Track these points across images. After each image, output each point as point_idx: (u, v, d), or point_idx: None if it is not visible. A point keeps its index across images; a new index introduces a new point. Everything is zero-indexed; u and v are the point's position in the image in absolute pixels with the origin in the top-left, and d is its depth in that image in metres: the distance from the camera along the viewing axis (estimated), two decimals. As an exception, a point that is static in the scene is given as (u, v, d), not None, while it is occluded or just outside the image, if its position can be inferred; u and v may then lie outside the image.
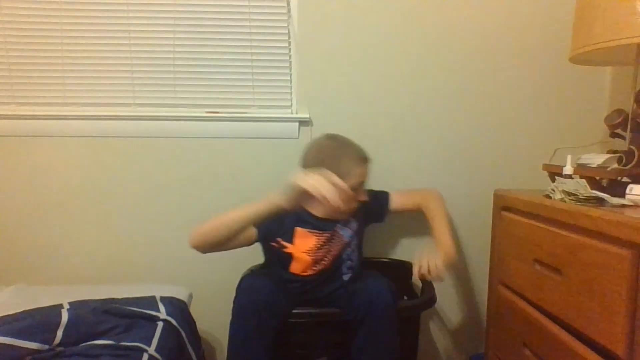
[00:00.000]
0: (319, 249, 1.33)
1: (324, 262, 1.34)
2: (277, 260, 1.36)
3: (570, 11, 1.28)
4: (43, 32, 1.55)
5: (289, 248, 1.33)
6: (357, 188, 1.31)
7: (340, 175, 1.18)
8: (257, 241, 1.32)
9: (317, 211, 1.35)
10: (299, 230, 1.34)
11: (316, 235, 1.34)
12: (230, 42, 1.58)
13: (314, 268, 1.33)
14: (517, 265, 1.19)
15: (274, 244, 1.34)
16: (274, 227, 1.31)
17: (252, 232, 1.28)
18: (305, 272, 1.33)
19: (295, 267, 1.33)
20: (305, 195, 1.11)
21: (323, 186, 1.08)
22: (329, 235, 1.35)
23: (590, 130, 1.63)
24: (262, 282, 1.23)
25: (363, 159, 1.33)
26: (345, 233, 1.38)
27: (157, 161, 1.59)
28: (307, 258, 1.32)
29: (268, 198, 1.16)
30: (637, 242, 0.79)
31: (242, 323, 1.15)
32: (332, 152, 1.29)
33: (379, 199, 1.48)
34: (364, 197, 1.36)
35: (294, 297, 1.29)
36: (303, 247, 1.33)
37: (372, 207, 1.45)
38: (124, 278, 1.61)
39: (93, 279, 1.60)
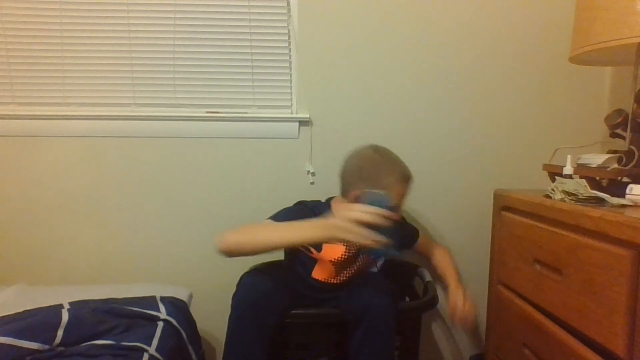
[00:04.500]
0: (345, 260, 1.32)
1: (346, 274, 1.34)
2: (301, 262, 1.35)
3: (570, 11, 1.28)
4: (43, 32, 1.55)
5: (315, 254, 1.32)
6: (394, 206, 1.28)
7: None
8: None
9: None
10: None
11: (345, 246, 1.32)
12: (230, 42, 1.58)
13: (337, 277, 1.33)
14: (517, 265, 1.19)
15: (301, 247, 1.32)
16: None
17: None
18: (327, 279, 1.33)
19: (318, 273, 1.33)
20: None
21: (363, 237, 1.01)
22: (358, 250, 1.33)
23: (590, 130, 1.63)
24: (262, 279, 1.22)
25: (406, 177, 1.27)
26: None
27: (157, 161, 1.59)
28: (331, 267, 1.32)
29: (322, 226, 1.05)
30: (637, 242, 0.79)
31: (240, 318, 1.14)
32: (374, 165, 1.25)
33: (409, 231, 1.49)
34: (398, 217, 1.32)
35: (296, 297, 1.29)
36: (330, 255, 1.31)
37: (400, 236, 1.44)
38: (124, 278, 1.61)
39: (93, 279, 1.60)
